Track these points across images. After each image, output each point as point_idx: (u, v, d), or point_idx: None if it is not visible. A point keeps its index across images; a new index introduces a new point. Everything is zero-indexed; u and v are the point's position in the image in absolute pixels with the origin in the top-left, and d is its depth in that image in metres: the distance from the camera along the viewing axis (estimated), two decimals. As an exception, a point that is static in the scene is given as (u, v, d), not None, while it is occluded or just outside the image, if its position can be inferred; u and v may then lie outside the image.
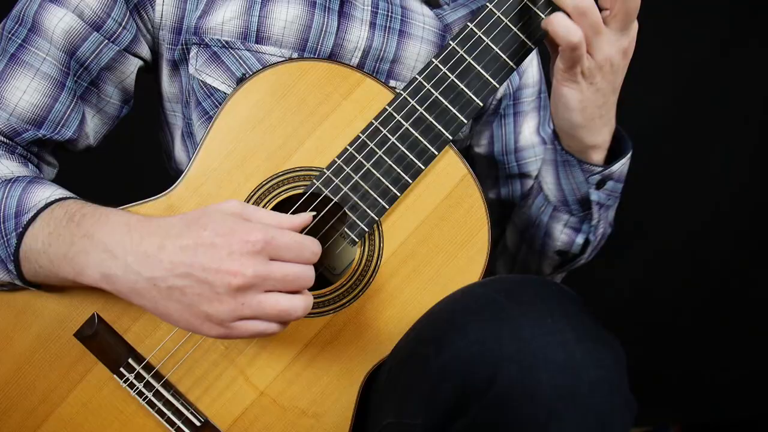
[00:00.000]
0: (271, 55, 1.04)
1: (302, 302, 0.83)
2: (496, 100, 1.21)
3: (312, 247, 0.84)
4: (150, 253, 0.82)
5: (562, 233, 1.08)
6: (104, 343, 0.94)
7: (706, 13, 2.17)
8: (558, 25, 0.88)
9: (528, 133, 1.24)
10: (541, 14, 0.92)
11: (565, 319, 0.78)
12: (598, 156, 1.00)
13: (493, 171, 1.26)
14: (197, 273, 0.81)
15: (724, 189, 2.31)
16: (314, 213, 0.91)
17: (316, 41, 1.05)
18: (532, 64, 1.23)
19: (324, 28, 1.04)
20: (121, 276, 0.84)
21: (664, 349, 2.38)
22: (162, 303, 0.83)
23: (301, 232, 0.87)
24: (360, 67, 1.07)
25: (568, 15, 0.89)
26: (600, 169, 1.00)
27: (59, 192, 0.93)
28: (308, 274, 0.84)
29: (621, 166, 1.00)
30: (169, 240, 0.82)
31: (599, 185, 1.01)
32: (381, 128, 0.94)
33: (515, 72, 1.19)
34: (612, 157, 1.02)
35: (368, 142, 0.94)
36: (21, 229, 0.89)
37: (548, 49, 0.97)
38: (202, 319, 0.82)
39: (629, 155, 1.01)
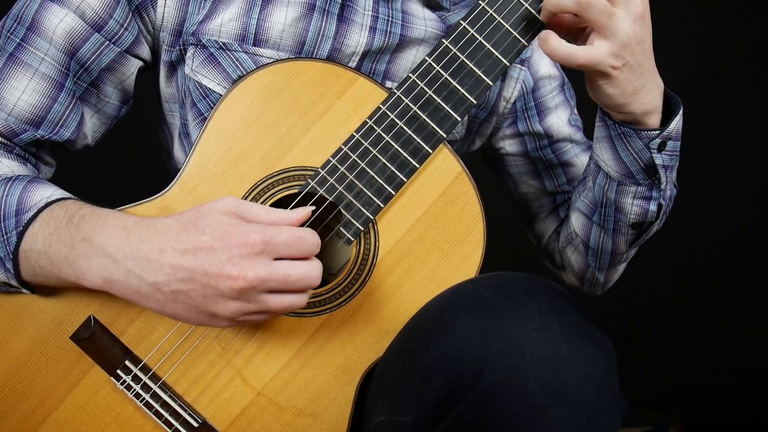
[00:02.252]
0: (268, 57, 1.04)
1: (306, 295, 0.85)
2: (509, 103, 1.22)
3: (312, 239, 0.85)
4: (150, 257, 0.83)
5: (633, 205, 1.05)
6: (101, 346, 0.94)
7: (706, 13, 2.17)
8: (557, 55, 0.88)
9: (560, 125, 1.24)
10: (533, 11, 0.92)
11: (554, 316, 0.78)
12: (654, 119, 0.98)
13: (532, 166, 1.27)
14: (199, 278, 0.82)
15: (724, 188, 2.32)
16: (313, 207, 0.91)
17: (313, 45, 1.05)
18: (544, 62, 1.23)
19: (322, 32, 1.04)
20: (123, 281, 0.84)
21: (664, 349, 2.39)
22: (168, 305, 0.85)
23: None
24: (357, 70, 1.07)
25: (574, 14, 0.89)
26: (657, 132, 0.98)
27: (59, 192, 0.93)
28: (312, 274, 0.84)
29: (677, 123, 0.99)
30: (168, 243, 0.83)
31: (660, 148, 0.99)
32: (375, 127, 0.94)
33: (527, 73, 1.20)
34: (664, 117, 1.00)
35: (362, 141, 0.94)
36: (21, 228, 0.89)
37: None
38: (210, 316, 0.84)
39: (681, 110, 0.99)
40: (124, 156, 1.79)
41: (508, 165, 1.29)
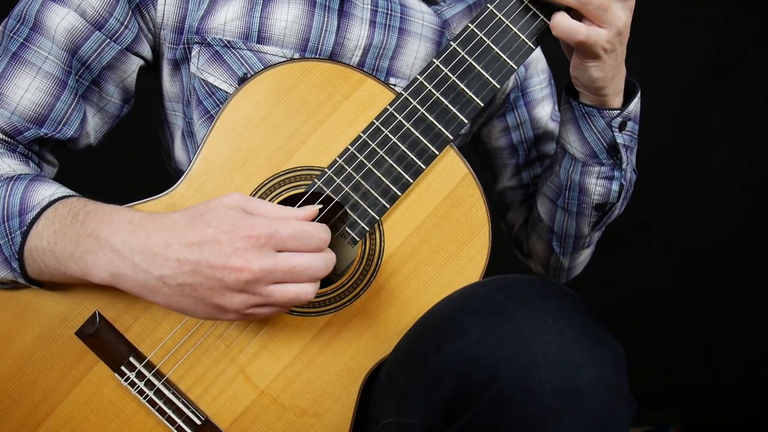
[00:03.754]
0: (273, 55, 1.04)
1: (311, 287, 0.85)
2: (504, 95, 1.23)
3: (319, 234, 0.85)
4: (156, 251, 0.83)
5: (597, 185, 1.09)
6: (105, 342, 0.94)
7: (706, 13, 2.17)
8: (560, 28, 0.91)
9: (546, 119, 1.27)
10: (540, 15, 0.93)
11: (565, 318, 0.78)
12: (617, 101, 1.04)
13: (513, 159, 1.28)
14: (205, 270, 0.82)
15: (724, 188, 2.32)
16: (321, 206, 0.91)
17: (316, 41, 1.05)
18: (537, 55, 1.26)
19: (324, 28, 1.05)
20: (130, 275, 0.85)
21: (664, 349, 2.39)
22: (175, 299, 0.85)
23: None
24: (360, 65, 1.08)
25: (572, 8, 0.91)
26: (618, 112, 1.03)
27: (62, 190, 0.93)
28: (318, 264, 0.84)
29: (635, 105, 1.05)
30: (174, 237, 0.83)
31: (621, 127, 1.04)
32: (382, 128, 0.94)
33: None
34: (624, 100, 1.06)
35: (369, 141, 0.94)
36: (25, 228, 0.89)
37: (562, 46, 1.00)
38: (216, 309, 0.85)
39: (639, 93, 1.05)
40: (126, 156, 1.79)
41: (492, 159, 1.31)
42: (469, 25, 0.94)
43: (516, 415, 0.75)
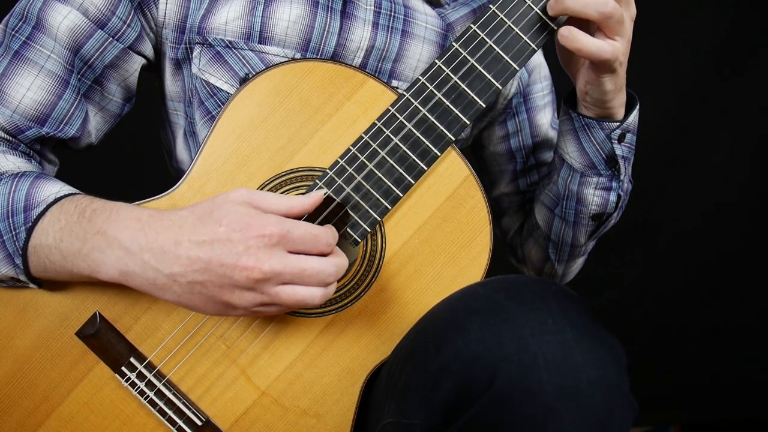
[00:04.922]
0: (274, 55, 1.04)
1: (320, 292, 0.85)
2: (506, 100, 1.23)
3: (326, 238, 0.86)
4: (166, 249, 0.83)
5: (594, 196, 1.10)
6: (106, 342, 0.94)
7: (707, 13, 2.17)
8: (588, 49, 0.91)
9: (546, 127, 1.27)
10: (543, 16, 0.93)
11: (565, 319, 0.78)
12: (622, 112, 1.04)
13: (511, 165, 1.28)
14: (215, 268, 0.82)
15: (724, 189, 2.32)
16: (325, 190, 0.92)
17: (318, 41, 1.05)
18: (540, 61, 1.26)
19: (327, 28, 1.05)
20: (139, 273, 0.85)
21: (664, 349, 2.39)
22: (185, 296, 0.85)
23: (312, 218, 0.90)
24: (362, 66, 1.08)
25: (595, 23, 0.92)
26: (618, 123, 1.03)
27: (67, 188, 0.93)
28: (328, 269, 0.85)
29: (635, 116, 1.05)
30: (184, 235, 0.83)
31: (620, 139, 1.04)
32: (384, 129, 0.94)
33: (524, 70, 1.21)
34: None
35: (371, 142, 0.94)
36: (30, 224, 0.89)
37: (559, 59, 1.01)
38: (225, 306, 0.85)
39: (638, 106, 1.06)
40: (127, 155, 1.79)
41: (490, 164, 1.31)
42: (472, 26, 0.93)
43: (516, 415, 0.75)
